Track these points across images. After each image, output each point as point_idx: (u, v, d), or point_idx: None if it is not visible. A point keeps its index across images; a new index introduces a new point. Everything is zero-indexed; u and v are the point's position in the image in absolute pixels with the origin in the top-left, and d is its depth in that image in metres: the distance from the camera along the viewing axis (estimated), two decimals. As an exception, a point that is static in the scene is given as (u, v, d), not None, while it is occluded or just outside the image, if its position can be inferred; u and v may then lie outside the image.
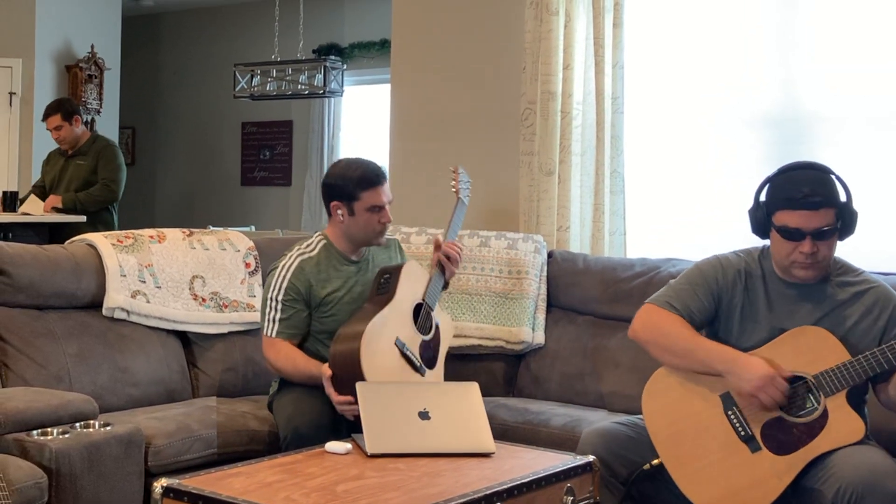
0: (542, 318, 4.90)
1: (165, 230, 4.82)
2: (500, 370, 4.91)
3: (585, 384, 4.68)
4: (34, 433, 3.45)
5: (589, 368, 4.71)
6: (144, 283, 4.53)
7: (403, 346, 3.98)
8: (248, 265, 4.89)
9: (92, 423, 3.63)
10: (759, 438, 3.36)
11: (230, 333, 4.76)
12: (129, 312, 4.46)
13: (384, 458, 3.20)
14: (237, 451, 4.05)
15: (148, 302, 4.52)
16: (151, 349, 4.50)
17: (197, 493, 2.82)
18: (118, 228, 7.45)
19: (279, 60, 9.73)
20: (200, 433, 4.00)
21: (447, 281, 4.33)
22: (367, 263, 4.26)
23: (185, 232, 4.86)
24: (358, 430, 3.43)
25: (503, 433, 4.13)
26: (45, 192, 8.00)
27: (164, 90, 12.46)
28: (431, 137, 6.19)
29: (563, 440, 4.09)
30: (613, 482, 3.48)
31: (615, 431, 3.58)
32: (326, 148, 10.95)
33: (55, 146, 8.02)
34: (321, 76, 9.45)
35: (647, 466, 3.45)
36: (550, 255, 5.08)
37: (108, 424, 3.64)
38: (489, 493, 2.89)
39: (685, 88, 5.52)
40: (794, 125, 5.23)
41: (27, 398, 3.61)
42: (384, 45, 10.14)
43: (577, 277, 4.94)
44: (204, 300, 4.70)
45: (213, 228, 5.46)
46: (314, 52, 10.75)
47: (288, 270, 4.13)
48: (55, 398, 3.67)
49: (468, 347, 4.80)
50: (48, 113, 7.89)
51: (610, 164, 5.39)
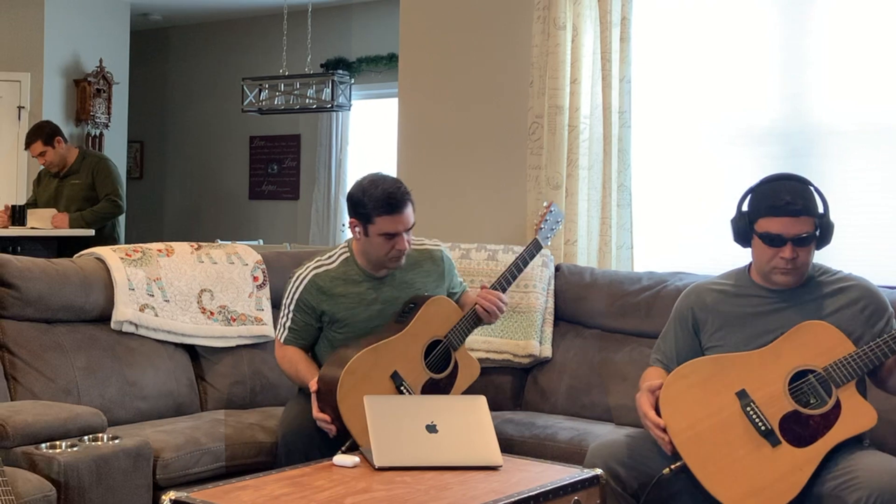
0: (549, 331, 4.91)
1: (173, 244, 4.84)
2: (507, 383, 4.91)
3: (592, 398, 4.69)
4: (43, 446, 3.46)
5: (596, 382, 4.71)
6: (153, 296, 4.54)
7: (401, 381, 3.91)
8: (256, 279, 4.89)
9: (100, 436, 3.64)
10: (778, 432, 3.40)
11: (238, 347, 4.77)
12: (137, 326, 4.48)
13: (391, 471, 3.21)
14: (245, 463, 4.06)
15: (156, 315, 4.53)
16: (160, 362, 4.51)
17: (205, 506, 2.82)
18: (126, 242, 7.46)
19: (287, 75, 9.75)
20: (208, 446, 4.01)
21: (485, 323, 4.20)
22: (391, 278, 4.14)
23: (193, 246, 4.87)
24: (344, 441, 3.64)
25: (510, 447, 4.13)
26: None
27: (172, 104, 12.49)
28: (439, 151, 6.19)
29: (570, 454, 4.09)
30: (624, 495, 3.49)
31: (624, 443, 3.60)
32: (334, 162, 10.95)
33: None
34: (329, 90, 9.46)
35: (666, 471, 3.44)
36: (558, 268, 5.08)
37: (116, 438, 3.65)
38: (496, 506, 2.89)
39: (692, 102, 5.52)
40: (800, 138, 5.22)
41: (36, 411, 3.62)
42: (392, 59, 10.16)
43: (584, 291, 4.94)
44: (212, 314, 4.71)
45: (221, 242, 5.47)
46: (322, 66, 10.77)
47: (302, 282, 4.11)
48: (64, 411, 3.68)
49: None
50: (29, 141, 7.88)
51: (617, 177, 5.40)
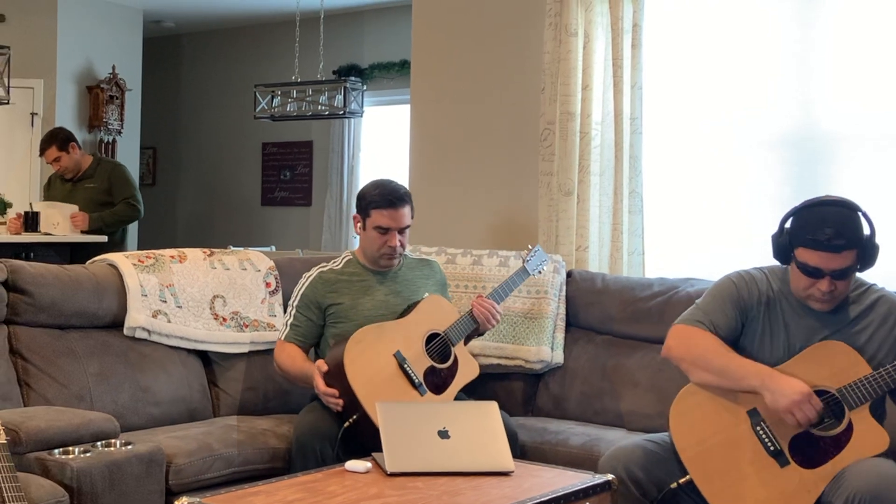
0: (561, 337, 4.91)
1: (186, 250, 4.85)
2: (519, 389, 4.91)
3: (604, 403, 4.68)
4: (56, 452, 3.47)
5: (608, 388, 4.71)
6: (165, 302, 4.55)
7: (404, 360, 4.09)
8: (268, 285, 4.90)
9: (113, 441, 3.64)
10: (787, 453, 3.39)
11: (251, 353, 4.77)
12: (150, 332, 4.48)
13: (404, 476, 3.21)
14: (258, 469, 4.06)
15: (169, 321, 4.54)
16: (172, 368, 4.51)
17: (218, 511, 2.83)
18: (138, 248, 7.49)
19: (299, 81, 9.75)
20: (221, 452, 4.01)
21: (480, 331, 4.43)
22: (393, 274, 4.39)
23: (205, 252, 4.88)
24: (351, 441, 3.76)
25: (522, 453, 4.15)
26: None
27: (185, 111, 12.52)
28: (451, 158, 6.21)
29: (581, 459, 4.09)
30: (643, 501, 3.48)
31: (642, 448, 3.58)
32: (346, 168, 10.96)
33: None
34: (341, 97, 9.46)
35: (674, 485, 3.45)
36: (569, 274, 5.09)
37: (129, 443, 3.65)
38: (508, 511, 2.90)
39: (703, 109, 5.53)
40: (811, 145, 5.23)
41: (49, 417, 3.63)
42: (404, 65, 10.16)
43: (595, 297, 4.95)
44: (224, 320, 4.71)
45: (233, 248, 5.48)
46: (334, 72, 10.78)
47: (307, 280, 4.37)
48: (77, 417, 3.69)
49: (488, 367, 4.80)
50: (43, 147, 7.91)
51: (628, 184, 5.40)
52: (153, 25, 11.71)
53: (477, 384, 4.38)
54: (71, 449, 3.51)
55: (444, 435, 3.35)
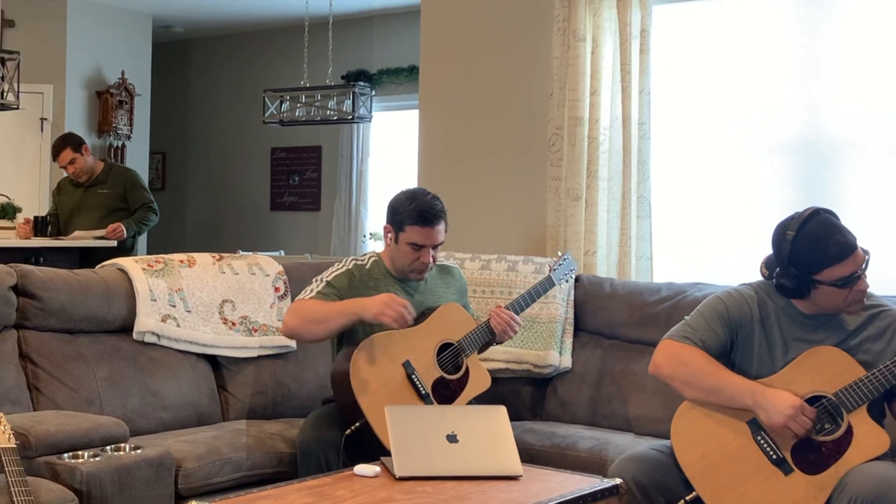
0: (569, 341, 4.92)
1: (195, 255, 4.86)
2: (527, 393, 4.92)
3: (612, 407, 4.69)
4: (65, 456, 3.48)
5: (616, 392, 4.71)
6: (174, 307, 4.56)
7: (412, 370, 4.03)
8: (277, 289, 4.91)
9: (122, 446, 3.65)
10: (790, 461, 3.39)
11: (260, 357, 4.78)
12: (159, 336, 4.49)
13: (412, 480, 3.21)
14: (266, 473, 4.07)
15: (178, 326, 4.55)
16: (181, 373, 4.52)
17: (227, 515, 2.84)
18: (148, 252, 7.52)
19: (308, 86, 9.77)
20: (230, 456, 4.02)
21: (497, 341, 4.36)
22: (417, 285, 4.29)
23: (214, 256, 4.89)
24: (354, 450, 3.74)
25: (530, 457, 4.14)
26: (58, 222, 8.08)
27: (194, 116, 12.55)
28: (459, 163, 6.21)
29: (589, 463, 4.10)
30: None
31: (651, 458, 3.57)
32: (355, 173, 10.98)
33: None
34: (350, 102, 9.48)
35: (681, 503, 3.45)
36: (578, 279, 5.09)
37: (138, 447, 3.66)
38: (516, 516, 2.91)
39: (711, 114, 5.54)
40: (818, 149, 5.23)
41: (58, 421, 3.64)
42: (412, 71, 10.18)
43: (603, 302, 4.95)
44: (234, 324, 4.72)
45: (242, 253, 5.49)
46: (343, 78, 10.80)
47: (343, 266, 4.23)
48: (86, 421, 3.70)
49: (496, 371, 4.80)
50: (57, 150, 7.93)
51: (636, 188, 5.41)
52: (162, 31, 11.74)
53: (485, 388, 4.37)
54: (80, 453, 3.51)
55: (452, 439, 3.35)
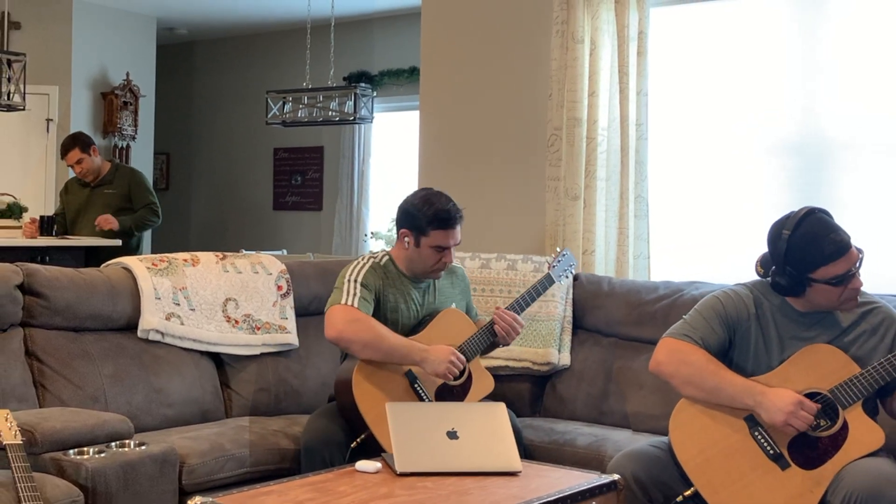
0: (567, 339, 4.95)
1: (199, 254, 4.88)
2: (526, 391, 4.95)
3: (610, 404, 4.72)
4: (71, 452, 3.51)
5: (614, 389, 4.74)
6: (179, 305, 4.60)
7: (415, 379, 4.05)
8: (280, 288, 4.94)
9: (127, 442, 3.67)
10: (787, 456, 3.41)
11: (263, 355, 4.81)
12: (163, 334, 4.52)
13: (413, 476, 3.24)
14: (269, 469, 4.10)
15: (182, 324, 4.58)
16: (185, 370, 4.55)
17: (230, 510, 2.87)
18: (152, 252, 7.55)
19: (310, 88, 9.78)
20: (233, 452, 4.04)
21: (500, 343, 4.36)
22: (428, 285, 4.32)
23: (218, 255, 4.92)
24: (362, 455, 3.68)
25: (529, 453, 4.18)
26: (65, 221, 8.12)
27: (197, 117, 12.57)
28: (459, 163, 6.24)
29: (588, 459, 4.13)
30: None
31: (649, 454, 3.59)
32: (357, 173, 11.01)
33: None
34: (351, 103, 9.48)
35: (679, 499, 3.46)
36: (576, 278, 5.12)
37: (143, 444, 3.69)
38: (515, 510, 2.93)
39: (708, 115, 5.57)
40: (815, 151, 5.25)
41: (64, 418, 3.67)
42: (413, 72, 10.21)
43: (602, 300, 4.99)
44: (237, 322, 4.75)
45: (245, 252, 5.51)
46: (345, 79, 10.83)
47: (365, 265, 4.19)
48: (91, 418, 3.73)
49: (496, 368, 4.82)
50: (66, 149, 7.95)
51: (634, 188, 5.44)
52: (167, 33, 11.77)
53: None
54: (86, 449, 3.54)
55: (452, 435, 3.37)
